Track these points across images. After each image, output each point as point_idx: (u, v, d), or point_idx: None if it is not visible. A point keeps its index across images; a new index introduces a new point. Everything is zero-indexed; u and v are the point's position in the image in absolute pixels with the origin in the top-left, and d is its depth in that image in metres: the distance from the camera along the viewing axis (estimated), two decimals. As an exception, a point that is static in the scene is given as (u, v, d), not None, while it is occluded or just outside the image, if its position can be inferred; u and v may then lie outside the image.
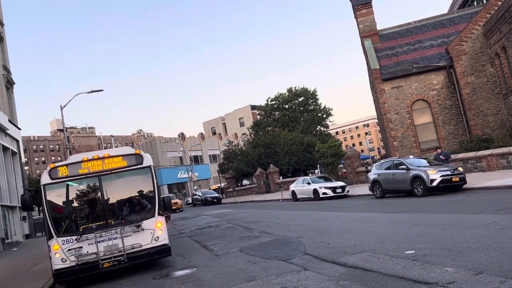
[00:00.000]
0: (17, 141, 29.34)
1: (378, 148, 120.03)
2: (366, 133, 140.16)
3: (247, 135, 64.45)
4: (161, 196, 10.07)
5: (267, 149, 47.69)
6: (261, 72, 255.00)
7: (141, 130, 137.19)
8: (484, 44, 27.42)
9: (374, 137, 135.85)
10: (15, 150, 28.52)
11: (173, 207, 29.00)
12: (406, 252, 7.15)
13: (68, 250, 8.91)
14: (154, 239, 9.41)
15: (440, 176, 16.17)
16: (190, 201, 51.19)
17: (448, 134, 28.71)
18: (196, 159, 75.33)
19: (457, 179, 16.36)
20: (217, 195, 45.97)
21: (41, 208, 9.37)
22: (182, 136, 74.95)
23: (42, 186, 9.20)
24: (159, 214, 9.60)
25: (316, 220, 14.13)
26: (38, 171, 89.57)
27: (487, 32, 26.70)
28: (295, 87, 63.16)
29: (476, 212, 10.46)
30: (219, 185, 59.85)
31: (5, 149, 26.13)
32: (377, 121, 59.69)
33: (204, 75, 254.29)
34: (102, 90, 30.23)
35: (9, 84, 29.90)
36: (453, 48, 28.07)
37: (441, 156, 19.57)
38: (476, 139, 25.50)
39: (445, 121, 28.83)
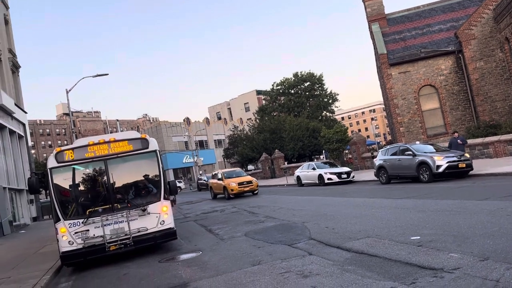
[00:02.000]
0: (24, 124, 29.48)
1: (384, 134, 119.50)
2: (372, 119, 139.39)
3: (252, 120, 64.39)
4: (167, 180, 10.10)
5: (272, 134, 47.64)
6: (267, 57, 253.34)
7: (146, 114, 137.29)
8: (494, 28, 26.96)
9: (380, 122, 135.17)
10: (22, 133, 28.69)
11: (248, 188, 23.38)
12: (412, 238, 7.14)
13: (75, 233, 9.00)
14: (160, 223, 9.47)
15: (447, 162, 16.08)
16: (195, 186, 51.45)
17: (456, 120, 28.48)
18: (201, 144, 75.47)
19: (464, 165, 16.26)
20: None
21: (48, 191, 9.44)
22: (187, 120, 74.96)
23: (48, 170, 9.26)
24: (164, 198, 9.64)
25: (321, 206, 14.15)
26: (44, 155, 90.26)
27: (497, 16, 26.22)
28: (301, 72, 62.78)
29: (482, 198, 10.41)
30: (224, 170, 60.01)
31: (11, 132, 26.29)
32: (383, 106, 59.33)
33: (210, 60, 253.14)
34: (107, 74, 30.26)
35: (15, 67, 29.91)
36: (462, 32, 27.64)
37: (458, 140, 19.21)
38: (483, 125, 25.28)
39: (452, 106, 28.57)
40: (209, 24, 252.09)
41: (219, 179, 25.24)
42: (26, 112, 30.70)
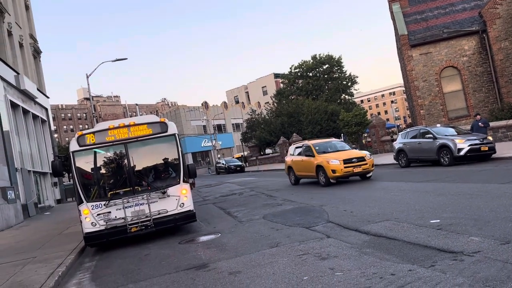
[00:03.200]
0: (46, 109, 30.08)
1: (404, 117, 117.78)
2: (392, 102, 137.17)
3: (270, 104, 64.06)
4: (186, 163, 10.21)
5: (290, 118, 47.38)
6: (285, 39, 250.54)
7: (165, 99, 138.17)
8: (520, 7, 25.99)
9: (400, 105, 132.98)
10: (45, 118, 29.29)
11: (360, 169, 15.23)
12: (431, 221, 7.08)
13: (98, 214, 9.23)
14: (180, 205, 9.62)
15: (468, 146, 15.77)
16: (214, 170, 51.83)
17: (478, 102, 27.79)
18: (220, 128, 75.70)
19: (486, 148, 15.92)
20: (240, 163, 46.40)
21: (71, 174, 9.67)
22: (205, 104, 75.14)
23: (71, 153, 9.47)
24: (184, 181, 9.77)
25: (339, 189, 14.12)
26: (66, 139, 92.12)
27: (525, -6, 25.25)
28: (319, 54, 61.87)
29: (505, 181, 10.20)
30: (242, 153, 60.25)
31: (35, 117, 26.87)
32: (403, 89, 58.24)
33: (228, 44, 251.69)
34: (126, 59, 30.40)
35: (36, 53, 30.39)
36: (487, 11, 26.72)
37: (480, 123, 18.83)
38: (507, 107, 24.60)
39: (475, 88, 27.85)
40: (228, 6, 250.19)
41: (307, 155, 16.82)
42: (48, 97, 31.28)
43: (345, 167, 15.03)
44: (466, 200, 8.52)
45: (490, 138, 16.85)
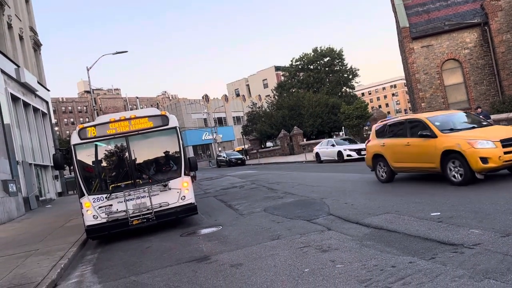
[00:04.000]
0: (47, 102, 30.05)
1: (405, 110, 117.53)
2: (393, 94, 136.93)
3: (271, 97, 64.02)
4: (187, 156, 10.22)
5: (291, 111, 47.36)
6: (286, 32, 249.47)
7: (165, 92, 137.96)
8: (522, -1, 25.82)
9: (402, 98, 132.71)
10: (45, 111, 29.28)
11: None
12: (432, 213, 7.10)
13: (99, 207, 9.27)
14: (181, 198, 9.65)
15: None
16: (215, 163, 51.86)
17: (480, 95, 27.70)
18: (220, 121, 75.65)
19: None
20: (241, 156, 46.42)
21: (72, 167, 9.69)
22: (206, 98, 75.03)
23: (72, 146, 9.49)
24: (185, 174, 9.79)
25: (340, 182, 14.14)
26: (67, 132, 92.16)
27: (527, -14, 25.07)
28: (320, 47, 61.74)
29: (505, 174, 10.21)
30: (243, 146, 60.28)
31: (35, 110, 26.86)
32: (405, 81, 58.05)
33: (228, 36, 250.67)
34: (126, 52, 30.33)
35: (36, 45, 30.30)
36: (489, 3, 26.55)
37: (481, 116, 18.84)
38: (509, 100, 24.54)
39: (476, 81, 27.76)
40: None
41: (422, 135, 10.42)
42: (49, 90, 31.24)
43: (505, 153, 9.02)
44: (467, 192, 8.52)
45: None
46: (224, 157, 47.58)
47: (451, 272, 4.37)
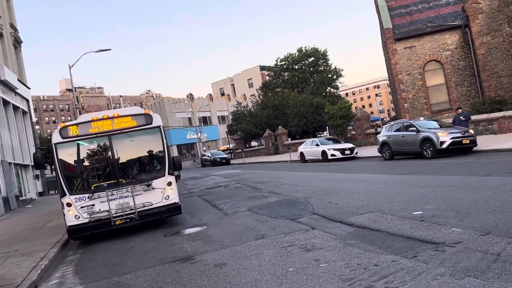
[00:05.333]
0: (27, 100, 29.48)
1: (388, 110, 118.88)
2: (377, 95, 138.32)
3: (255, 96, 64.01)
4: (171, 156, 10.15)
5: (276, 110, 47.46)
6: (271, 32, 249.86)
7: (149, 90, 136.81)
8: (502, 2, 26.39)
9: (385, 98, 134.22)
10: (26, 109, 28.72)
11: None
12: (414, 213, 7.20)
13: (81, 207, 9.12)
14: (165, 198, 9.57)
15: (450, 138, 16.05)
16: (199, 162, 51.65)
17: (461, 96, 28.23)
18: (205, 120, 75.30)
19: (468, 141, 16.23)
20: (226, 156, 46.33)
21: (53, 166, 9.52)
22: (190, 97, 74.58)
23: (53, 145, 9.31)
24: (169, 174, 9.71)
25: (324, 181, 14.22)
26: (48, 131, 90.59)
27: (507, -10, 25.62)
28: (305, 47, 62.00)
29: (485, 174, 10.43)
30: (228, 146, 60.14)
31: (15, 108, 26.32)
32: (388, 82, 58.77)
33: (213, 35, 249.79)
34: (109, 50, 29.99)
35: (17, 42, 29.69)
36: (470, 6, 27.08)
37: (461, 117, 19.14)
38: (488, 101, 25.07)
39: (458, 82, 28.28)
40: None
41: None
42: (29, 88, 30.64)
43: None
44: (448, 192, 8.67)
45: (472, 131, 17.17)
46: (208, 156, 47.41)
47: (433, 270, 4.43)
